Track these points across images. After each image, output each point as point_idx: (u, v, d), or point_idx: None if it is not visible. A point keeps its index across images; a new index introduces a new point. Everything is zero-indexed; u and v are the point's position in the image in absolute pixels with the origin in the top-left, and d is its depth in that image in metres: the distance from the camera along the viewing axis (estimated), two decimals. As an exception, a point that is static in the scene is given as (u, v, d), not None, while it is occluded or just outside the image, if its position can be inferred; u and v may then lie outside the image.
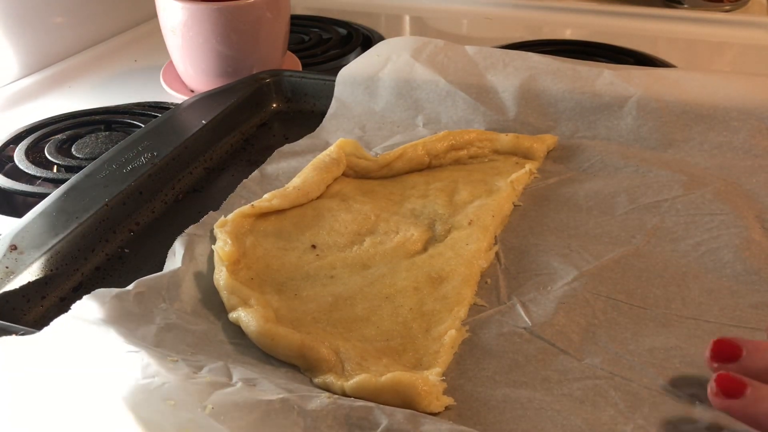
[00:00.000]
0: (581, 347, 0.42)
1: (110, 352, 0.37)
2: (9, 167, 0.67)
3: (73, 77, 0.88)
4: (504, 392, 0.39)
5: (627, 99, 0.64)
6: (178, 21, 0.75)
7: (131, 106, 0.78)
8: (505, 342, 0.43)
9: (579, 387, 0.40)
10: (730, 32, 1.01)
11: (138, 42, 0.99)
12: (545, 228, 0.54)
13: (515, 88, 0.66)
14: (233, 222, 0.51)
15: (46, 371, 0.36)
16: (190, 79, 0.81)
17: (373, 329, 0.44)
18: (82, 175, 0.57)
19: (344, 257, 0.50)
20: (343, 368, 0.40)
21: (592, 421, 0.37)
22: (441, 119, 0.68)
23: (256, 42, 0.78)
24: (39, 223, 0.51)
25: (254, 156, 0.66)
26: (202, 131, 0.65)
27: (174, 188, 0.60)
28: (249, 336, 0.43)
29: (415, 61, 0.70)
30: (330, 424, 0.34)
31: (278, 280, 0.48)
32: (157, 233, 0.55)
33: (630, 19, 1.06)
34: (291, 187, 0.56)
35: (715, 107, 0.62)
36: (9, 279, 0.46)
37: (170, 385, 0.35)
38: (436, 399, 0.38)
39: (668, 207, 0.55)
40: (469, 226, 0.52)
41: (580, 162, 0.62)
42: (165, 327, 0.42)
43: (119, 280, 0.50)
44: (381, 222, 0.54)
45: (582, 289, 0.47)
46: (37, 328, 0.40)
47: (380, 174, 0.61)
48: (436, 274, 0.48)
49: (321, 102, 0.72)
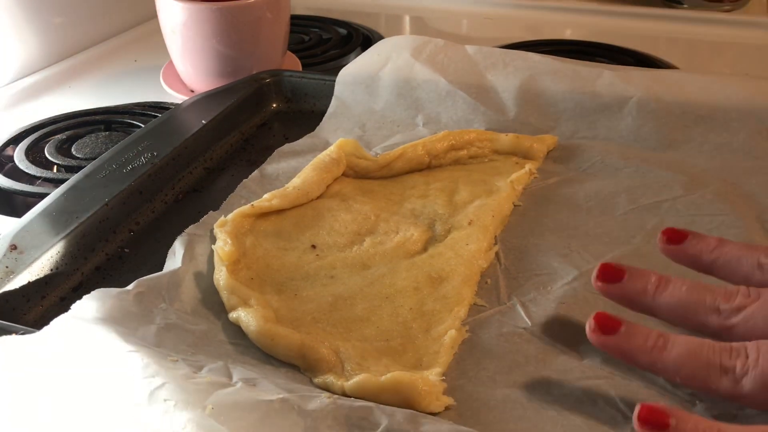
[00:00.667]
0: (581, 347, 0.42)
1: (110, 352, 0.37)
2: (9, 167, 0.67)
3: (73, 77, 0.88)
4: (504, 392, 0.39)
5: (627, 99, 0.64)
6: (178, 21, 0.75)
7: (131, 106, 0.78)
8: (505, 342, 0.43)
9: (579, 387, 0.40)
10: (730, 32, 1.01)
11: (138, 42, 0.99)
12: (545, 228, 0.54)
13: (515, 88, 0.66)
14: (233, 222, 0.51)
15: (46, 371, 0.36)
16: (190, 79, 0.81)
17: (373, 329, 0.44)
18: (82, 175, 0.57)
19: (344, 257, 0.50)
20: (343, 368, 0.40)
21: (592, 421, 0.37)
22: (441, 119, 0.68)
23: (256, 42, 0.78)
24: (39, 223, 0.51)
25: (254, 156, 0.66)
26: (202, 131, 0.65)
27: (174, 188, 0.60)
28: (249, 336, 0.43)
29: (415, 61, 0.70)
30: (330, 424, 0.34)
31: (278, 280, 0.48)
32: (157, 233, 0.55)
33: (630, 19, 1.06)
34: (291, 187, 0.56)
35: (715, 108, 0.62)
36: (9, 279, 0.46)
37: (170, 385, 0.35)
38: (436, 399, 0.38)
39: (668, 207, 0.55)
40: (469, 226, 0.52)
41: (580, 162, 0.62)
42: (165, 327, 0.42)
43: (119, 280, 0.50)
44: (381, 222, 0.54)
45: (582, 289, 0.46)
46: (37, 328, 0.39)
47: (380, 174, 0.61)
48: (436, 274, 0.48)
49: (321, 102, 0.72)
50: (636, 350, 0.37)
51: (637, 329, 0.38)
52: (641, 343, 0.37)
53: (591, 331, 0.38)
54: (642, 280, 0.40)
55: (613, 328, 0.38)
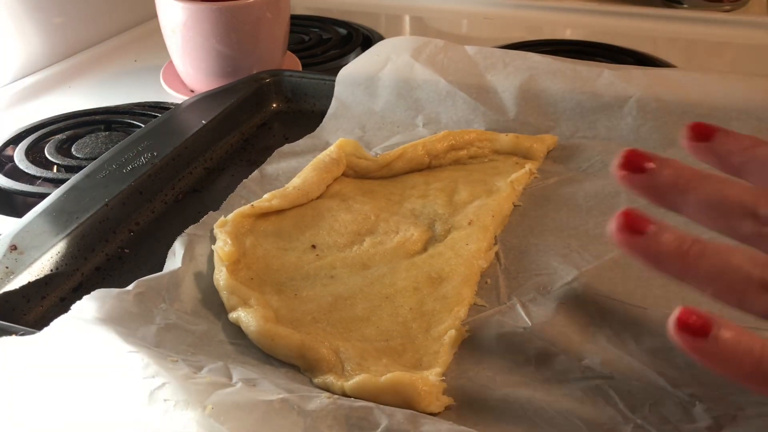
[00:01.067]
0: (581, 347, 0.42)
1: (110, 352, 0.37)
2: (9, 167, 0.67)
3: (73, 77, 0.88)
4: (504, 392, 0.39)
5: (627, 99, 0.64)
6: (178, 21, 0.75)
7: (131, 106, 0.78)
8: (505, 342, 0.43)
9: (579, 387, 0.40)
10: (730, 32, 1.01)
11: (138, 42, 0.99)
12: (545, 228, 0.54)
13: (515, 88, 0.66)
14: (233, 222, 0.51)
15: (46, 372, 0.36)
16: (190, 79, 0.81)
17: (373, 329, 0.44)
18: (82, 175, 0.57)
19: (344, 257, 0.50)
20: (343, 368, 0.40)
21: (592, 421, 0.37)
22: (441, 119, 0.68)
23: (256, 42, 0.78)
24: (39, 223, 0.51)
25: (254, 156, 0.66)
26: (202, 131, 0.65)
27: (174, 188, 0.60)
28: (249, 336, 0.43)
29: (415, 61, 0.70)
30: (330, 424, 0.34)
31: (278, 280, 0.48)
32: (157, 233, 0.55)
33: (630, 19, 1.06)
34: (291, 187, 0.56)
35: (715, 107, 0.62)
36: (9, 279, 0.46)
37: (170, 385, 0.35)
38: (436, 399, 0.38)
39: (668, 207, 0.55)
40: (469, 226, 0.52)
41: (580, 162, 0.62)
42: (165, 327, 0.42)
43: (119, 280, 0.50)
44: (381, 222, 0.54)
45: (582, 289, 0.46)
46: (37, 328, 0.39)
47: (380, 174, 0.61)
48: (436, 274, 0.48)
49: (321, 102, 0.72)
50: (667, 254, 0.33)
51: (669, 230, 0.33)
52: (674, 246, 0.33)
53: (618, 230, 0.34)
54: (672, 173, 0.35)
55: (643, 227, 0.33)
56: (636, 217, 0.34)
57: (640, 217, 0.34)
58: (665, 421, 0.37)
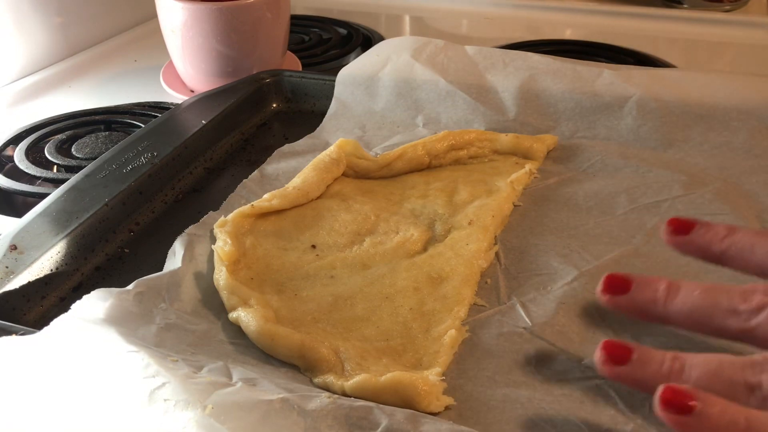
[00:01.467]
0: (581, 347, 0.42)
1: (110, 352, 0.37)
2: (9, 167, 0.67)
3: (73, 77, 0.88)
4: (504, 392, 0.39)
5: (627, 99, 0.64)
6: (178, 21, 0.75)
7: (131, 106, 0.78)
8: (505, 342, 0.43)
9: (579, 387, 0.40)
10: (730, 32, 1.01)
11: (138, 42, 0.99)
12: (545, 228, 0.54)
13: (515, 88, 0.66)
14: (233, 222, 0.51)
15: (47, 371, 0.36)
16: (190, 79, 0.81)
17: (373, 329, 0.44)
18: (82, 175, 0.57)
19: (344, 257, 0.50)
20: (343, 368, 0.40)
21: (592, 421, 0.37)
22: (441, 119, 0.68)
23: (256, 42, 0.78)
24: (39, 223, 0.51)
25: (254, 156, 0.66)
26: (202, 131, 0.65)
27: (174, 188, 0.60)
28: (249, 336, 0.43)
29: (415, 61, 0.70)
30: (330, 424, 0.34)
31: (278, 280, 0.48)
32: (157, 233, 0.55)
33: (630, 19, 1.06)
34: (291, 187, 0.56)
35: (715, 107, 0.62)
36: (9, 279, 0.46)
37: (170, 385, 0.35)
38: (436, 399, 0.38)
39: (668, 207, 0.55)
40: (469, 226, 0.52)
41: (580, 162, 0.62)
42: (165, 327, 0.42)
43: (119, 280, 0.50)
44: (381, 222, 0.54)
45: (582, 289, 0.47)
46: (37, 328, 0.40)
47: (380, 174, 0.61)
48: (436, 274, 0.48)
49: (321, 102, 0.72)
50: (651, 378, 0.34)
51: (650, 354, 0.35)
52: (656, 369, 0.34)
53: (602, 363, 0.35)
54: (650, 289, 0.37)
55: (624, 356, 0.35)
56: (618, 347, 0.35)
57: (621, 347, 0.35)
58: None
